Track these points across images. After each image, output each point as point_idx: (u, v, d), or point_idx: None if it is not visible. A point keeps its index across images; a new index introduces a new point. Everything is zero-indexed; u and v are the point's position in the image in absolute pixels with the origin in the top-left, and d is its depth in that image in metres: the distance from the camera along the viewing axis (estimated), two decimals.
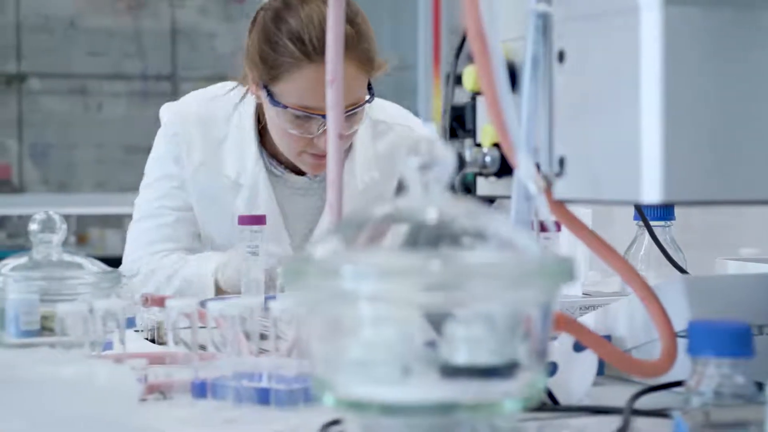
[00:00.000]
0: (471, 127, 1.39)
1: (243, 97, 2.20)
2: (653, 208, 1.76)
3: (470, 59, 1.46)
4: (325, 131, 2.05)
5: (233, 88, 2.21)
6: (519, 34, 1.22)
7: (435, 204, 0.95)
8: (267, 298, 1.48)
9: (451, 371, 0.92)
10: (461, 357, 0.92)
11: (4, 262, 1.47)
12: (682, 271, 1.75)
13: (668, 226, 1.80)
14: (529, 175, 1.08)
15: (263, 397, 1.25)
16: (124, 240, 4.64)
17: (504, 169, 1.27)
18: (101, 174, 4.91)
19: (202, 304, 1.31)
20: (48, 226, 1.46)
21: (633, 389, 1.25)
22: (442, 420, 0.92)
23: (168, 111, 2.27)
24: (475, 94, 1.39)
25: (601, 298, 1.65)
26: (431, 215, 0.95)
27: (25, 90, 4.90)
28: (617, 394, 1.29)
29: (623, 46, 1.05)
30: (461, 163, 1.31)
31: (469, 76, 1.33)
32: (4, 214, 4.35)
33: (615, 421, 1.15)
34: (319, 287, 0.93)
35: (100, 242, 4.55)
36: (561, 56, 1.14)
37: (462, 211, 0.96)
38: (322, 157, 2.09)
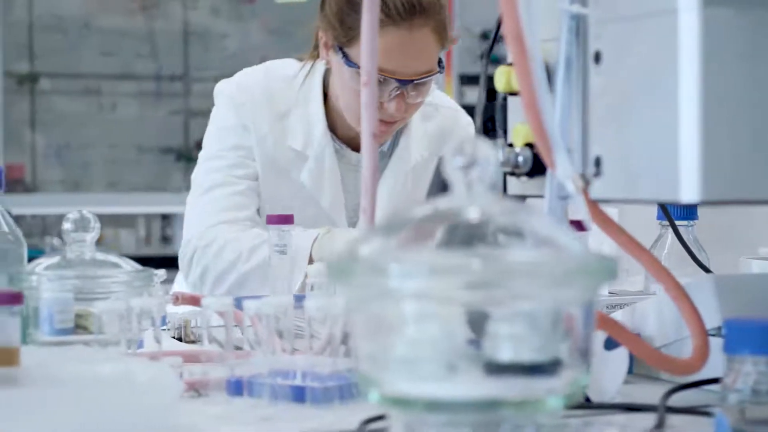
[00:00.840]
0: (502, 127, 1.40)
1: (309, 69, 2.22)
2: (677, 207, 1.77)
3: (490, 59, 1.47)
4: (395, 97, 2.09)
5: (303, 64, 2.24)
6: (551, 35, 1.23)
7: (479, 203, 0.96)
8: (297, 297, 1.49)
9: (496, 368, 0.93)
10: (505, 354, 0.93)
11: (38, 261, 1.48)
12: (706, 270, 1.76)
13: (691, 226, 1.81)
14: (567, 175, 1.09)
15: (298, 394, 1.26)
16: (137, 240, 4.66)
17: (536, 168, 1.28)
18: (114, 174, 4.92)
19: (237, 302, 1.32)
20: (81, 225, 1.47)
21: (661, 387, 1.27)
22: (486, 417, 0.93)
23: (230, 84, 2.25)
24: (506, 95, 1.40)
25: (628, 296, 1.66)
26: (475, 214, 0.96)
27: (38, 90, 4.92)
28: (647, 392, 1.30)
29: (661, 47, 1.06)
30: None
31: (501, 76, 1.34)
32: (18, 213, 4.36)
33: (648, 418, 1.16)
34: (366, 285, 0.94)
35: (114, 242, 4.56)
36: (597, 57, 1.15)
37: (506, 210, 0.97)
38: (388, 123, 2.14)
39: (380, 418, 1.17)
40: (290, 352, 1.29)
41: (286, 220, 1.69)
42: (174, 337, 1.65)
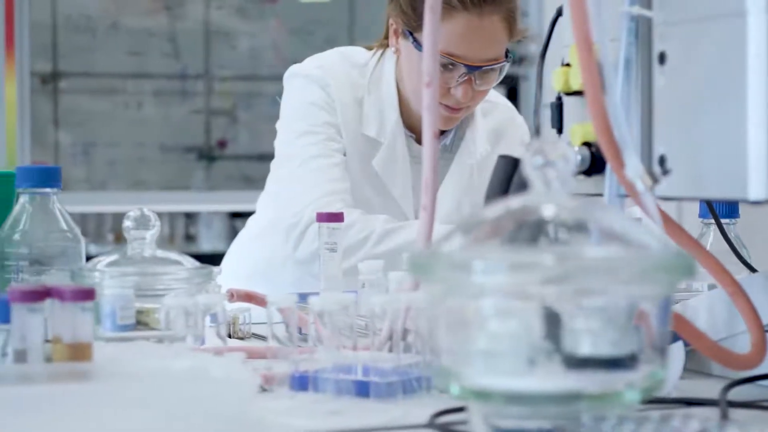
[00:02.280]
0: (557, 127, 1.43)
1: (380, 57, 2.25)
2: (720, 205, 1.79)
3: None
4: (463, 83, 2.12)
5: (374, 52, 2.27)
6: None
7: (559, 200, 0.98)
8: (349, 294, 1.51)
9: (575, 362, 0.95)
10: (584, 348, 0.96)
11: (98, 258, 1.51)
12: (749, 267, 1.78)
13: (733, 224, 1.83)
14: (637, 173, 1.11)
15: (362, 389, 1.28)
16: (161, 238, 4.68)
17: (593, 167, 1.31)
18: (138, 172, 4.95)
19: (302, 298, 1.34)
20: (142, 222, 1.49)
21: (713, 382, 1.29)
22: (565, 410, 0.95)
23: (309, 65, 2.27)
24: (560, 95, 1.42)
25: (677, 293, 1.67)
26: (554, 212, 0.98)
27: (62, 89, 4.94)
28: (700, 387, 1.33)
29: (729, 48, 1.08)
30: None
31: (558, 77, 1.37)
32: None
33: (707, 412, 1.18)
34: (448, 281, 0.96)
35: None
36: (662, 58, 1.17)
37: (584, 207, 0.99)
38: (455, 109, 2.16)
39: (449, 411, 1.20)
40: (353, 347, 1.31)
41: (336, 218, 1.70)
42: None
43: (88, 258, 1.56)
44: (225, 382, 1.12)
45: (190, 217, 4.74)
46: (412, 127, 2.26)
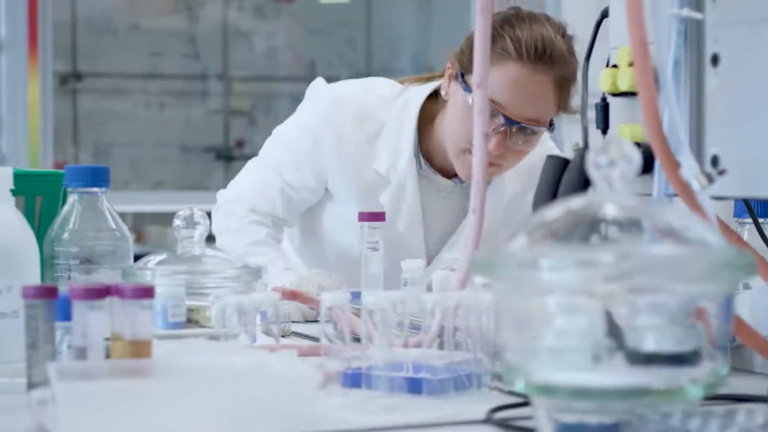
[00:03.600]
0: (603, 127, 1.44)
1: (408, 94, 2.27)
2: (756, 204, 1.81)
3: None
4: (498, 133, 2.10)
5: (403, 88, 2.28)
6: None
7: (622, 200, 1.00)
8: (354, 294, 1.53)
9: (640, 358, 0.97)
10: (648, 345, 0.97)
11: (148, 257, 1.53)
12: None
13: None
14: (693, 173, 1.13)
15: (414, 386, 1.30)
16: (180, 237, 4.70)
17: (642, 167, 1.32)
18: (158, 172, 4.97)
19: (355, 296, 1.36)
20: (191, 222, 1.51)
21: (757, 378, 1.30)
22: (630, 405, 0.97)
23: (327, 94, 2.29)
24: (604, 96, 1.44)
25: None
26: (618, 210, 1.00)
27: (81, 89, 4.97)
28: (746, 384, 1.34)
29: None
30: None
31: (605, 78, 1.39)
32: None
33: (756, 408, 1.20)
34: (515, 278, 0.98)
35: (157, 239, 4.60)
36: (715, 60, 1.19)
37: (648, 206, 1.01)
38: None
39: (504, 407, 1.22)
40: (405, 345, 1.33)
41: (378, 217, 1.73)
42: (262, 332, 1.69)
43: None
44: (289, 379, 1.14)
45: (209, 216, 4.75)
46: (441, 165, 2.25)
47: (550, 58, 2.08)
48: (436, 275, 1.60)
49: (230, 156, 5.15)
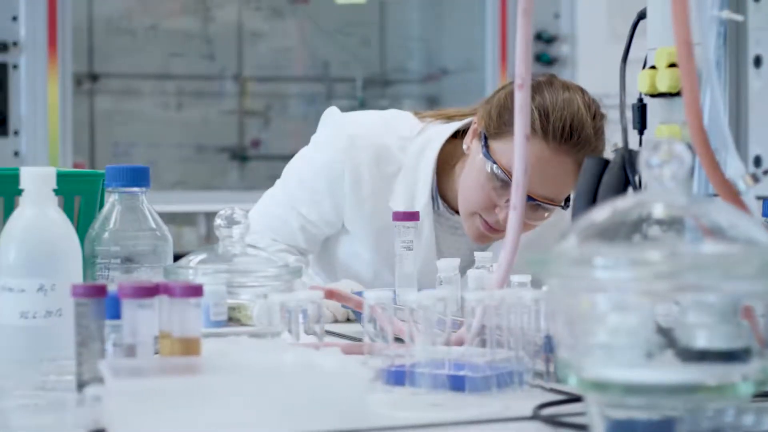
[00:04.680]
0: (639, 128, 1.46)
1: (426, 133, 2.25)
2: None
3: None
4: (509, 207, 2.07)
5: (422, 128, 2.25)
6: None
7: (674, 199, 1.02)
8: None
9: (691, 355, 0.99)
10: (699, 342, 0.99)
11: (190, 256, 1.54)
12: None
13: None
14: (739, 173, 1.14)
15: (457, 383, 1.32)
16: (198, 237, 4.71)
17: None
18: (175, 173, 4.99)
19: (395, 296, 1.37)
20: (231, 221, 1.53)
21: None
22: (682, 401, 0.98)
23: (343, 130, 2.25)
24: (641, 96, 1.46)
25: None
26: (670, 209, 1.02)
27: (98, 90, 4.99)
28: None
29: None
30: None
31: (644, 79, 1.40)
32: None
33: None
34: (569, 276, 1.00)
35: (176, 239, 4.58)
36: (758, 61, 1.21)
37: (698, 205, 1.03)
38: (491, 229, 2.11)
39: (549, 404, 1.24)
40: (447, 342, 1.35)
41: (412, 216, 1.74)
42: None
43: None
44: (340, 375, 1.16)
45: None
46: (454, 200, 2.21)
47: (577, 142, 2.04)
48: (471, 273, 1.62)
49: (245, 156, 5.17)
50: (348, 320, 1.97)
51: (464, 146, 2.17)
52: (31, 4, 3.99)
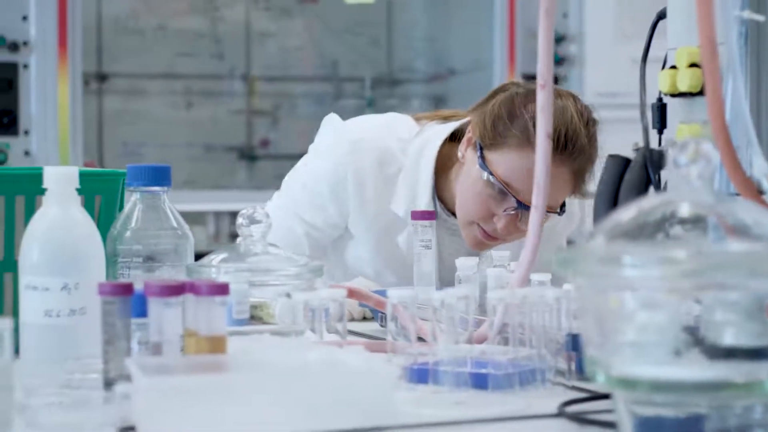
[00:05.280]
0: (659, 127, 1.47)
1: (425, 134, 2.26)
2: None
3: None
4: (508, 216, 2.09)
5: (420, 129, 2.28)
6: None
7: (700, 199, 1.02)
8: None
9: (719, 352, 1.00)
10: (727, 339, 1.00)
11: (212, 255, 1.55)
12: None
13: None
14: (764, 172, 1.15)
15: (480, 381, 1.32)
16: (207, 237, 4.72)
17: None
18: (183, 172, 4.99)
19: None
20: (252, 220, 1.54)
21: None
22: (709, 398, 0.99)
23: (345, 135, 2.27)
24: (660, 96, 1.47)
25: None
26: (696, 208, 1.03)
27: (106, 89, 5.00)
28: None
29: None
30: (662, 160, 1.39)
31: (664, 79, 1.41)
32: None
33: None
34: (597, 274, 1.00)
35: None
36: None
37: (724, 204, 1.04)
38: (489, 237, 2.13)
39: (574, 402, 1.25)
40: (470, 341, 1.36)
41: (430, 215, 1.75)
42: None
43: None
44: (367, 373, 1.17)
45: (234, 215, 4.78)
46: (453, 202, 2.23)
47: (572, 151, 2.07)
48: (490, 272, 1.63)
49: (253, 156, 5.18)
50: (364, 318, 1.98)
51: (459, 154, 2.19)
52: (41, 4, 4.00)
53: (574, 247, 1.03)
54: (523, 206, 2.07)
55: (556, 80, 4.87)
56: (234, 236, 4.82)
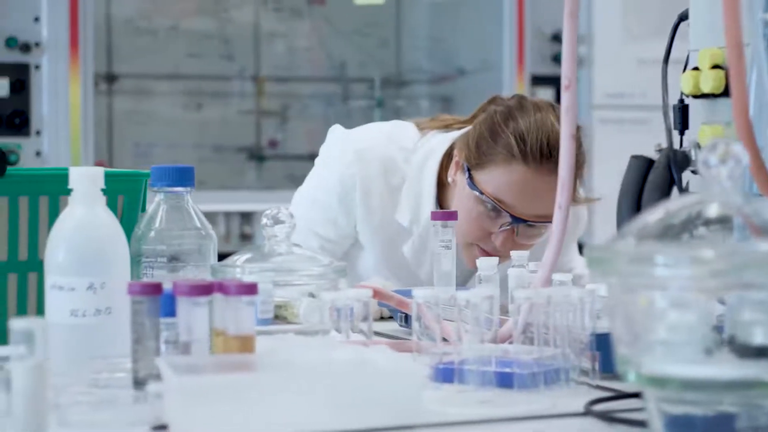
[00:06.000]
0: (680, 128, 1.48)
1: (428, 144, 2.29)
2: None
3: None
4: (505, 231, 2.12)
5: (422, 137, 2.31)
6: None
7: (729, 197, 1.03)
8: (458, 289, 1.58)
9: (748, 351, 1.01)
10: (757, 338, 1.01)
11: (236, 256, 1.56)
12: None
13: None
14: None
15: (505, 380, 1.33)
16: (218, 237, 4.73)
17: None
18: (195, 173, 5.00)
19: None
20: (276, 220, 1.55)
21: None
22: (740, 397, 1.00)
23: (349, 145, 2.30)
24: (682, 97, 1.48)
25: None
26: (725, 208, 1.03)
27: (116, 90, 5.01)
28: None
29: None
30: (686, 161, 1.40)
31: (687, 80, 1.42)
32: None
33: None
34: (629, 274, 1.01)
35: None
36: None
37: (754, 203, 1.05)
38: (489, 255, 2.09)
39: (601, 400, 1.26)
40: (495, 340, 1.37)
41: (450, 216, 1.76)
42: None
43: None
44: (396, 373, 1.18)
45: (245, 216, 4.81)
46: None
47: (557, 157, 2.09)
48: (511, 272, 1.64)
49: (262, 156, 5.19)
50: (381, 318, 1.99)
51: (449, 179, 2.23)
52: (53, 5, 4.02)
53: (604, 247, 1.04)
54: (518, 220, 2.11)
55: None
56: (244, 236, 4.85)
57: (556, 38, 4.68)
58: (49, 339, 1.42)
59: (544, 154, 2.08)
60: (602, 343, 1.37)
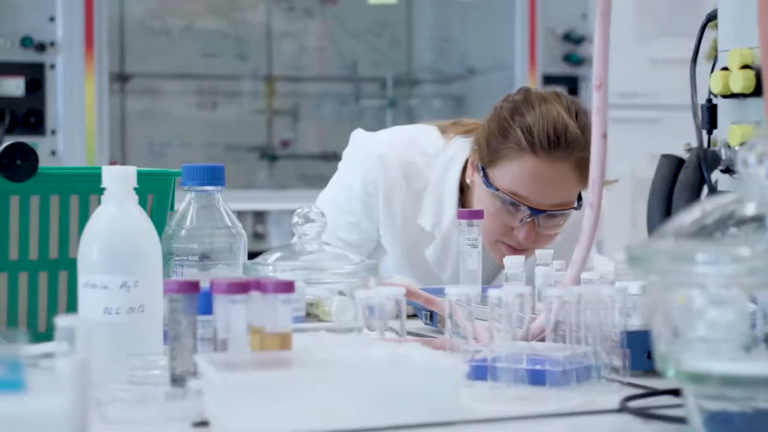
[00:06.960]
0: (708, 128, 1.49)
1: (450, 149, 2.31)
2: None
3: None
4: (526, 224, 2.14)
5: (446, 144, 2.33)
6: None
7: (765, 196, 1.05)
8: (484, 289, 1.59)
9: None
10: None
11: (267, 254, 1.58)
12: None
13: None
14: None
15: (538, 377, 1.35)
16: None
17: None
18: None
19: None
20: (307, 218, 1.56)
21: None
22: None
23: (371, 151, 2.32)
24: (710, 97, 1.49)
25: None
26: (762, 207, 1.05)
27: (129, 89, 5.02)
28: None
29: None
30: (716, 161, 1.41)
31: (717, 80, 1.43)
32: None
33: None
34: (669, 271, 1.03)
35: None
36: None
37: None
38: (516, 249, 2.18)
39: (635, 397, 1.27)
40: (526, 337, 1.38)
41: (476, 215, 1.78)
42: None
43: None
44: (435, 369, 1.19)
45: (258, 215, 4.83)
46: None
47: (567, 145, 2.11)
48: (538, 270, 1.65)
49: (274, 155, 5.20)
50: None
51: (468, 180, 2.25)
52: (67, 4, 4.03)
53: (645, 246, 1.05)
54: (536, 211, 2.13)
55: (576, 81, 4.90)
56: (257, 235, 4.86)
57: (568, 38, 4.69)
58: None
59: (552, 143, 2.11)
60: (633, 341, 1.38)
